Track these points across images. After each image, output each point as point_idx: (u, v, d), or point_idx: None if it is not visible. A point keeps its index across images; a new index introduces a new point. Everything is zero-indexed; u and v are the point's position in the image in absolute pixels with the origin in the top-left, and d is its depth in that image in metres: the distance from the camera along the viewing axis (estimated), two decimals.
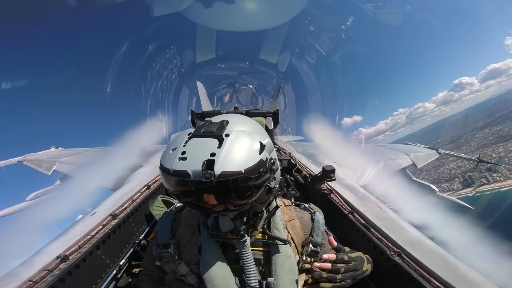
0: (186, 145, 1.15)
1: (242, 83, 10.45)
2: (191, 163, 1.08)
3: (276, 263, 1.40)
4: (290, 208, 1.66)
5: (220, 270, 1.37)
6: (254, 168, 1.13)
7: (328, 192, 2.61)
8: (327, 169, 2.64)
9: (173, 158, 1.13)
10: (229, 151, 1.11)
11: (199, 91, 7.56)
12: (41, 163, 8.10)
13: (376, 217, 1.98)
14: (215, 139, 1.14)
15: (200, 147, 1.13)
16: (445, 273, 1.38)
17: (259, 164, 1.14)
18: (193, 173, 1.06)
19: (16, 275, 1.47)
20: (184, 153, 1.12)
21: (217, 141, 1.13)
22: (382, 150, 8.55)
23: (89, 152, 8.82)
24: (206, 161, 1.07)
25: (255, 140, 1.21)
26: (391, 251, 1.61)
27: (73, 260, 1.60)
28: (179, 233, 1.55)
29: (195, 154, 1.11)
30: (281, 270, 1.38)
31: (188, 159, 1.10)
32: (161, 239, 1.51)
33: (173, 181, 1.14)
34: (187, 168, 1.07)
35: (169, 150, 1.20)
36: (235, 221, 1.30)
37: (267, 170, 1.20)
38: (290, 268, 1.40)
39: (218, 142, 1.13)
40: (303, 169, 3.60)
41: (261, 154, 1.17)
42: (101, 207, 2.72)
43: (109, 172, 6.25)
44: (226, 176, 1.06)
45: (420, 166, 7.81)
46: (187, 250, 1.50)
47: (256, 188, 1.20)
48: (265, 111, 2.49)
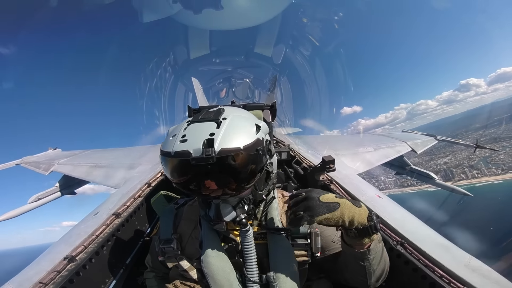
0: (186, 130, 1.22)
1: (238, 77, 10.41)
2: (191, 143, 1.14)
3: (275, 256, 1.41)
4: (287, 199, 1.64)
5: (221, 264, 1.38)
6: (252, 146, 1.19)
7: (328, 183, 2.63)
8: (327, 159, 2.65)
9: (174, 142, 1.19)
10: (227, 130, 1.18)
11: (195, 87, 7.52)
12: (39, 165, 8.05)
13: (377, 207, 1.99)
14: (213, 122, 1.22)
15: (199, 129, 1.20)
16: (448, 262, 1.39)
17: (256, 143, 1.22)
18: (194, 151, 1.12)
19: (25, 277, 1.48)
20: (184, 136, 1.18)
21: (215, 123, 1.21)
22: (380, 138, 8.54)
23: (87, 152, 8.79)
24: (206, 140, 1.13)
25: (251, 122, 1.30)
26: (394, 240, 1.62)
27: (80, 261, 1.62)
28: (181, 227, 1.57)
29: (195, 135, 1.17)
30: (280, 263, 1.39)
31: (188, 140, 1.16)
32: (164, 234, 1.53)
33: (175, 164, 1.21)
34: (188, 148, 1.13)
35: (169, 137, 1.27)
36: (236, 209, 1.35)
37: (263, 150, 1.26)
38: (288, 260, 1.41)
39: (216, 125, 1.20)
40: (303, 160, 3.61)
41: (258, 134, 1.26)
42: (103, 207, 2.73)
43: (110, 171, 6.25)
44: (226, 152, 1.12)
45: (420, 152, 7.84)
46: (188, 245, 1.52)
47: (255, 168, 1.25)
48: (262, 104, 2.49)
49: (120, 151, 8.70)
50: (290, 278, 1.36)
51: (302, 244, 1.48)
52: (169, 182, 2.76)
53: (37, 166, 8.06)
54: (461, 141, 9.34)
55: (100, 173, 6.48)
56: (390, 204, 2.28)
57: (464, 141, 9.21)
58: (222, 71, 10.25)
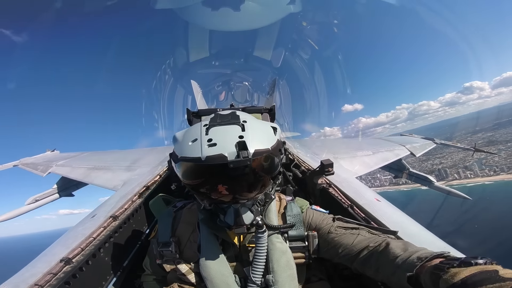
0: (209, 133, 1.19)
1: (237, 80, 10.43)
2: (224, 147, 1.12)
3: (273, 260, 1.40)
4: (284, 201, 1.68)
5: (220, 268, 1.38)
6: (276, 146, 1.25)
7: (327, 186, 2.62)
8: (325, 163, 2.65)
9: (200, 147, 1.15)
10: (254, 133, 1.19)
11: (194, 90, 7.53)
12: (37, 167, 8.03)
13: (376, 211, 1.99)
14: (236, 125, 1.22)
15: (225, 133, 1.19)
16: None
17: (278, 144, 1.27)
18: (229, 155, 1.10)
19: (21, 279, 1.47)
20: (211, 140, 1.15)
21: (238, 126, 1.21)
22: (378, 142, 8.57)
23: (85, 155, 8.77)
24: (237, 143, 1.12)
25: (267, 125, 1.35)
26: None
27: (76, 263, 1.60)
28: (179, 231, 1.56)
29: (225, 138, 1.15)
30: (278, 266, 1.38)
31: (218, 144, 1.13)
32: (162, 237, 1.52)
33: (205, 169, 1.17)
34: (221, 152, 1.11)
35: (187, 142, 1.22)
36: (253, 212, 1.36)
37: (282, 150, 1.32)
38: (287, 263, 1.40)
39: (240, 127, 1.20)
40: (301, 164, 3.61)
41: (276, 135, 1.31)
42: (100, 209, 2.71)
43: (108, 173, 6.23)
44: (260, 153, 1.14)
45: (418, 155, 7.87)
46: (187, 249, 1.51)
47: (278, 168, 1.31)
48: (261, 107, 2.50)
49: (119, 154, 8.69)
50: (289, 281, 1.36)
51: (300, 247, 1.48)
52: (167, 184, 2.74)
53: (34, 168, 8.03)
54: (459, 145, 9.38)
55: (98, 175, 6.46)
56: (389, 207, 2.27)
57: (462, 144, 9.25)
58: (221, 74, 10.29)
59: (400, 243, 1.21)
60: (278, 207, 1.64)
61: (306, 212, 1.60)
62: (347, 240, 1.38)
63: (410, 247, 1.15)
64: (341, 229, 1.44)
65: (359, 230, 1.41)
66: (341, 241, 1.39)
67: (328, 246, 1.44)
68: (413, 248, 1.14)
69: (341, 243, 1.39)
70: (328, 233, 1.46)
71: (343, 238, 1.40)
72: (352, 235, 1.39)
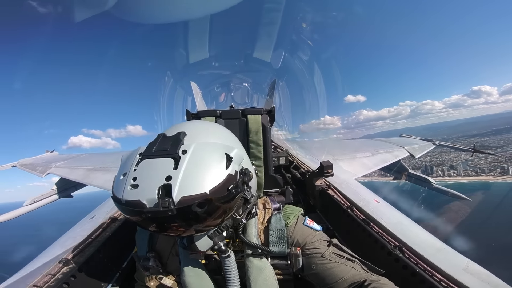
0: (137, 169, 1.00)
1: (237, 82, 10.44)
2: (144, 190, 0.94)
3: (250, 278, 1.32)
4: (269, 211, 1.52)
5: (201, 284, 1.33)
6: (222, 186, 0.99)
7: (326, 187, 2.63)
8: (325, 164, 2.65)
9: (124, 185, 0.98)
10: (188, 171, 0.96)
11: (194, 91, 7.53)
12: (36, 167, 8.03)
13: (375, 212, 1.99)
14: (170, 158, 0.99)
15: (152, 170, 0.98)
16: (447, 266, 1.38)
17: (227, 180, 1.01)
18: (148, 202, 0.92)
19: (20, 280, 1.47)
20: (135, 179, 0.97)
21: (172, 160, 0.98)
22: (378, 143, 8.59)
23: (84, 156, 8.77)
24: (162, 187, 0.93)
25: (220, 152, 1.06)
26: (392, 245, 1.61)
27: (75, 264, 1.60)
28: (159, 244, 1.50)
29: (148, 179, 0.96)
30: (255, 285, 1.31)
31: (140, 186, 0.95)
32: (140, 252, 1.47)
33: (127, 212, 1.00)
34: (140, 198, 0.93)
35: (119, 176, 1.05)
36: (213, 238, 1.19)
37: (237, 184, 1.06)
38: (264, 281, 1.32)
39: (174, 162, 0.98)
40: (301, 165, 3.61)
41: (229, 168, 1.04)
42: (100, 210, 2.71)
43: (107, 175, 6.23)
44: (188, 201, 0.92)
45: (417, 156, 7.90)
46: (170, 261, 1.46)
47: (228, 208, 1.07)
48: (261, 108, 2.49)
49: (117, 155, 8.67)
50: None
51: (282, 265, 1.40)
52: None
53: (33, 169, 8.03)
54: (459, 146, 9.41)
55: (97, 176, 6.46)
56: (388, 209, 2.27)
57: (462, 145, 9.28)
58: (221, 76, 10.30)
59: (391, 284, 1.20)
60: (262, 218, 1.50)
61: (293, 227, 1.45)
62: (339, 271, 1.28)
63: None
64: (335, 256, 1.34)
65: (354, 264, 1.32)
66: (332, 270, 1.29)
67: (315, 270, 1.34)
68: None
69: (331, 272, 1.29)
70: (321, 257, 1.34)
71: (336, 267, 1.29)
72: (346, 267, 1.29)
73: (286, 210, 1.53)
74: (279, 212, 1.50)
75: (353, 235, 2.02)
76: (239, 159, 1.12)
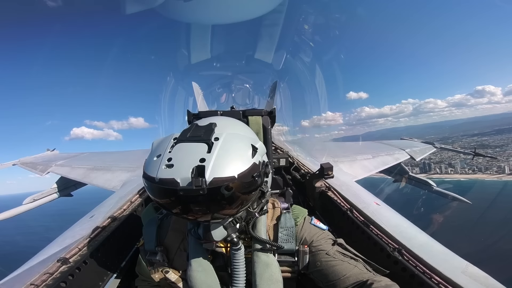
0: (172, 151, 1.07)
1: (238, 82, 10.44)
2: (179, 170, 1.00)
3: (256, 273, 1.35)
4: (278, 210, 1.57)
5: (206, 279, 1.34)
6: (248, 173, 1.06)
7: (326, 189, 2.62)
8: (325, 166, 2.66)
9: (158, 165, 1.04)
10: (220, 155, 1.03)
11: (195, 91, 7.55)
12: (36, 166, 8.04)
13: (375, 214, 1.99)
14: (203, 143, 1.07)
15: (187, 152, 1.05)
16: (446, 269, 1.38)
17: (252, 168, 1.08)
18: (182, 180, 0.98)
19: (17, 279, 1.46)
20: (170, 160, 1.03)
21: (206, 145, 1.06)
22: (378, 145, 8.59)
23: (85, 155, 8.79)
24: (195, 167, 0.99)
25: (247, 142, 1.15)
26: (391, 247, 1.61)
27: (73, 263, 1.60)
28: (168, 239, 1.51)
29: (183, 160, 1.02)
30: (260, 280, 1.33)
31: (175, 166, 1.01)
32: (148, 246, 1.48)
33: (159, 191, 1.06)
34: (175, 176, 0.99)
35: (153, 157, 1.11)
36: (227, 228, 1.25)
37: (260, 174, 1.13)
38: (270, 277, 1.34)
39: (207, 147, 1.05)
40: (301, 167, 3.61)
41: (254, 158, 1.11)
42: (99, 210, 2.71)
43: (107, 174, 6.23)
44: (219, 182, 0.99)
45: (418, 159, 7.90)
46: (177, 257, 1.47)
47: (250, 195, 1.13)
48: (261, 110, 2.49)
49: (118, 155, 8.71)
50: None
51: (289, 261, 1.42)
52: None
53: (34, 167, 8.05)
54: (459, 149, 9.41)
55: (98, 175, 6.47)
56: (388, 211, 2.27)
57: (462, 145, 9.31)
58: (222, 76, 10.30)
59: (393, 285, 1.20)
60: (271, 216, 1.54)
61: (302, 225, 1.50)
62: (342, 268, 1.31)
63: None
64: (339, 255, 1.36)
65: (357, 263, 1.34)
66: (335, 268, 1.32)
67: (319, 267, 1.37)
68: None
69: (335, 270, 1.32)
70: (326, 254, 1.37)
71: (339, 265, 1.32)
72: (349, 265, 1.31)
73: (294, 210, 1.57)
74: (288, 211, 1.54)
75: (352, 237, 2.01)
76: (263, 151, 1.20)
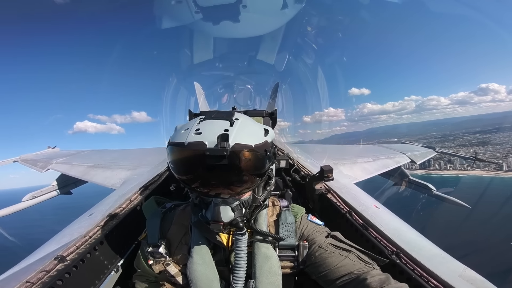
0: (200, 125, 1.24)
1: (240, 83, 10.47)
2: (206, 136, 1.16)
3: (256, 265, 1.38)
4: (277, 208, 1.64)
5: (206, 272, 1.37)
6: (262, 146, 1.23)
7: (325, 192, 2.62)
8: (325, 169, 2.65)
9: (188, 134, 1.19)
10: (240, 129, 1.21)
11: (197, 91, 7.55)
12: (37, 163, 8.07)
13: (374, 217, 1.98)
14: (226, 120, 1.25)
15: (214, 125, 1.22)
16: (443, 273, 1.37)
17: (265, 144, 1.26)
18: (209, 143, 1.13)
19: (13, 276, 1.46)
20: (198, 130, 1.20)
21: (228, 122, 1.24)
22: (379, 149, 8.59)
23: (86, 153, 8.80)
24: (221, 135, 1.15)
25: (260, 126, 1.36)
26: (389, 250, 1.61)
27: (71, 261, 1.59)
28: (171, 232, 1.54)
29: (210, 129, 1.19)
30: (260, 272, 1.36)
31: (203, 133, 1.17)
32: (151, 239, 1.50)
33: (187, 154, 1.20)
34: (203, 139, 1.14)
35: (180, 131, 1.27)
36: (235, 211, 1.32)
37: (270, 153, 1.29)
38: (269, 270, 1.37)
39: (229, 123, 1.23)
40: (301, 169, 3.61)
41: (266, 137, 1.30)
42: (98, 208, 2.71)
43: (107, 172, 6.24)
44: (239, 147, 1.15)
45: (419, 162, 7.90)
46: (178, 250, 1.50)
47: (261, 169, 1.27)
48: (263, 111, 2.49)
49: (119, 153, 8.72)
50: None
51: (290, 256, 1.46)
52: (166, 185, 2.73)
53: (34, 164, 8.06)
54: (460, 154, 9.41)
55: (98, 173, 6.48)
56: (387, 214, 2.27)
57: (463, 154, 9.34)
58: (224, 77, 10.33)
59: (383, 276, 1.20)
60: (271, 213, 1.61)
61: (300, 221, 1.57)
62: (333, 260, 1.34)
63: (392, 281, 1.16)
64: (331, 247, 1.40)
65: (349, 253, 1.36)
66: (327, 260, 1.35)
67: (313, 261, 1.41)
68: (394, 284, 1.14)
69: (326, 261, 1.35)
70: (318, 247, 1.42)
71: (330, 257, 1.36)
72: (340, 256, 1.34)
73: (293, 208, 1.65)
74: (288, 209, 1.62)
75: (351, 240, 1.99)
76: (272, 135, 1.37)
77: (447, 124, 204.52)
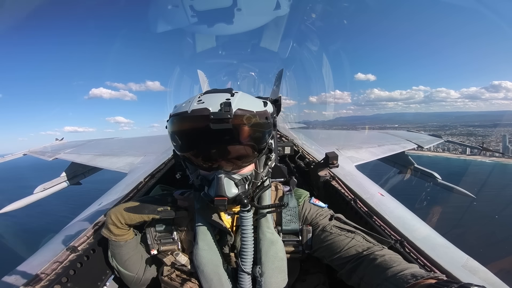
0: (202, 97, 1.27)
1: (243, 71, 10.35)
2: (210, 104, 1.19)
3: (261, 250, 1.38)
4: (280, 191, 1.64)
5: (212, 257, 1.38)
6: (263, 113, 1.27)
7: (330, 179, 2.62)
8: (330, 155, 2.64)
9: (190, 104, 1.23)
10: (241, 99, 1.25)
11: (200, 79, 7.52)
12: (45, 153, 8.19)
13: (379, 205, 1.99)
14: (227, 93, 1.28)
15: (216, 96, 1.26)
16: (446, 262, 1.38)
17: (265, 112, 1.30)
18: (213, 109, 1.16)
19: (27, 267, 1.50)
20: (201, 100, 1.23)
21: (229, 94, 1.27)
22: (385, 136, 8.53)
23: (93, 143, 8.90)
24: (224, 102, 1.17)
25: (260, 100, 1.40)
26: (393, 239, 1.61)
27: (82, 251, 1.63)
28: (178, 218, 1.54)
29: (212, 99, 1.22)
30: (265, 257, 1.36)
31: (206, 102, 1.20)
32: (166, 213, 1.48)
33: (190, 121, 1.21)
34: (206, 106, 1.17)
35: (182, 104, 1.31)
36: (238, 186, 1.31)
37: (271, 122, 1.31)
38: (275, 255, 1.37)
39: (230, 95, 1.26)
40: (306, 155, 3.60)
41: (266, 107, 1.35)
42: (107, 197, 2.76)
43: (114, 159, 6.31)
44: (242, 112, 1.18)
45: (426, 147, 7.86)
46: (184, 237, 1.52)
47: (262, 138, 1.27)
48: (267, 98, 2.47)
49: (125, 141, 8.80)
50: (276, 273, 1.34)
51: (294, 241, 1.47)
52: (172, 173, 2.75)
53: (42, 155, 8.19)
54: (467, 143, 9.31)
55: (104, 159, 6.57)
56: (392, 202, 2.27)
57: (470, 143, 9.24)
58: (227, 64, 10.22)
59: (394, 255, 1.18)
60: (274, 197, 1.61)
61: (303, 205, 1.57)
62: (340, 242, 1.33)
63: (403, 262, 1.13)
64: (336, 229, 1.40)
65: (355, 235, 1.36)
66: (334, 242, 1.35)
67: (320, 245, 1.40)
68: (405, 264, 1.11)
69: (333, 244, 1.35)
70: (323, 230, 1.42)
71: (337, 239, 1.35)
72: (347, 237, 1.34)
73: (297, 192, 1.66)
74: (291, 192, 1.63)
75: None
76: (271, 108, 1.41)
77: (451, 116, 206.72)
